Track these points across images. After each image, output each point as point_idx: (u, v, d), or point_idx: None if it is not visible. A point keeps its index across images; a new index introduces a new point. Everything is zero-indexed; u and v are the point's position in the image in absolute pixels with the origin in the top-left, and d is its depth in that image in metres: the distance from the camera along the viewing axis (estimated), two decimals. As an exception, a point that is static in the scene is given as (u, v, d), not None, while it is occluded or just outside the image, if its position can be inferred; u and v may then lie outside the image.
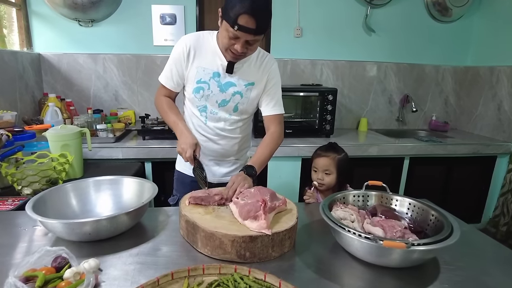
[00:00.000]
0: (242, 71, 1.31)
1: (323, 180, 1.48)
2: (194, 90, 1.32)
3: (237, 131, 1.41)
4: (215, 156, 1.44)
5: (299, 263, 0.91)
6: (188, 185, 1.47)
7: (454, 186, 2.58)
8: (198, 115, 1.37)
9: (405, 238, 0.91)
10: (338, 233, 0.92)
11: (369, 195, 1.14)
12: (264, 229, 0.89)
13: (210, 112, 1.35)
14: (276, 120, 1.38)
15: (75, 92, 2.55)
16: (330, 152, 1.51)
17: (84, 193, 1.14)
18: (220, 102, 1.33)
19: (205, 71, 1.30)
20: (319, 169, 1.51)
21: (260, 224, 0.90)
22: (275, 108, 1.38)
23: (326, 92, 2.34)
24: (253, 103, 1.37)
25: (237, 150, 1.47)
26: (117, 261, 0.89)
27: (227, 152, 1.44)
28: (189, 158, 1.16)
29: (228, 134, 1.39)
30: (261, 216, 0.92)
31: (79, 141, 1.70)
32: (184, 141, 1.19)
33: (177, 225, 1.09)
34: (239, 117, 1.38)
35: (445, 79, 3.00)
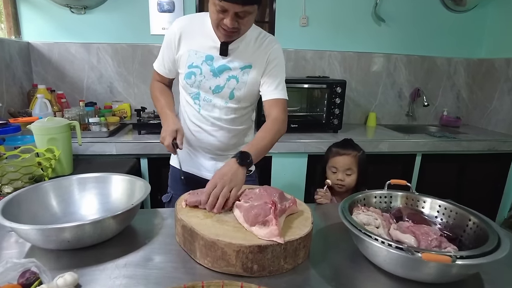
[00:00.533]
0: (238, 53, 1.17)
1: (344, 181, 1.34)
2: (185, 76, 1.19)
3: (236, 122, 1.27)
4: (211, 150, 1.29)
5: (315, 277, 0.77)
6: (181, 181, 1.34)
7: (467, 185, 2.44)
8: (192, 103, 1.24)
9: (442, 248, 0.77)
10: (362, 241, 0.78)
11: (393, 195, 0.99)
12: (276, 237, 0.75)
13: (203, 100, 1.22)
14: (278, 105, 1.20)
15: (67, 83, 2.40)
16: (349, 149, 1.37)
17: (67, 193, 1.00)
18: (214, 88, 1.19)
19: (197, 54, 1.17)
20: (339, 169, 1.37)
21: (270, 231, 0.76)
22: (277, 92, 1.20)
23: (334, 84, 2.19)
24: (252, 89, 1.21)
25: (236, 144, 1.32)
26: (100, 275, 0.75)
27: (224, 146, 1.29)
28: (167, 147, 1.08)
29: (224, 124, 1.25)
30: (272, 221, 0.77)
31: (68, 135, 1.56)
32: (165, 128, 1.12)
33: (173, 230, 0.95)
34: (237, 105, 1.23)
35: (457, 72, 2.85)
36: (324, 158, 1.48)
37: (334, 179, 1.38)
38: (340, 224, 1.03)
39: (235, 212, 0.89)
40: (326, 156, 1.45)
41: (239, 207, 0.88)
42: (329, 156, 1.43)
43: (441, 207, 0.94)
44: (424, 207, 0.96)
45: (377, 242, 0.73)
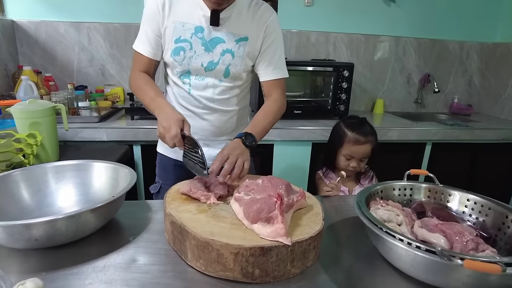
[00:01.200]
0: (231, 23, 1.04)
1: (356, 167, 1.23)
2: (173, 52, 1.04)
3: (231, 102, 1.14)
4: (204, 135, 1.16)
5: (328, 284, 0.66)
6: (171, 170, 1.21)
7: (478, 175, 2.32)
8: (180, 84, 1.10)
9: (479, 251, 0.65)
10: (383, 242, 0.66)
11: (415, 188, 0.87)
12: (282, 237, 0.63)
13: (194, 78, 1.08)
14: (278, 86, 1.13)
15: (56, 66, 2.26)
16: (368, 136, 1.24)
17: (41, 183, 0.87)
18: (206, 65, 1.05)
19: (184, 27, 1.02)
20: (355, 158, 1.24)
21: (275, 229, 0.64)
22: (277, 72, 1.10)
23: (341, 68, 2.05)
24: (248, 65, 1.09)
25: (231, 128, 1.19)
26: (72, 280, 0.63)
27: (218, 130, 1.16)
28: (175, 137, 0.85)
29: (218, 106, 1.12)
30: (277, 218, 0.65)
31: (52, 119, 1.43)
32: (165, 117, 0.89)
33: (162, 225, 0.83)
34: (232, 84, 1.10)
35: (470, 57, 2.70)
36: (335, 139, 1.33)
37: (347, 166, 1.26)
38: (352, 219, 0.92)
39: (233, 207, 0.76)
40: (340, 139, 1.29)
41: (238, 200, 0.75)
42: (344, 141, 1.27)
43: (471, 202, 0.81)
44: (450, 202, 0.84)
45: (403, 243, 0.61)
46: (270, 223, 0.65)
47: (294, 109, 2.09)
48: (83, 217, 0.70)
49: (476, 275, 0.56)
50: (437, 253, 0.57)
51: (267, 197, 0.70)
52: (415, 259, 0.61)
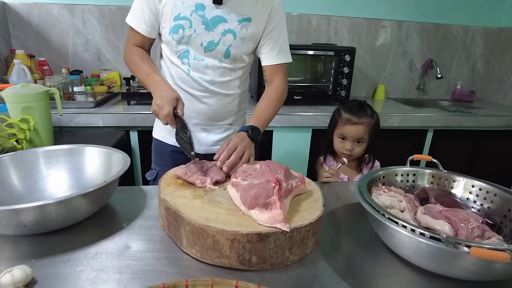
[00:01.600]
0: (234, 2, 0.99)
1: (353, 151, 1.19)
2: (171, 30, 0.99)
3: (232, 85, 1.10)
4: (202, 120, 1.13)
5: (327, 271, 0.63)
6: (168, 156, 1.18)
7: (480, 163, 2.29)
8: (179, 64, 1.05)
9: (485, 238, 0.62)
10: (386, 229, 0.64)
11: (418, 173, 0.84)
12: (280, 223, 0.61)
13: (193, 58, 1.03)
14: (281, 72, 1.10)
15: (50, 50, 2.20)
16: (363, 117, 1.21)
17: (32, 168, 0.84)
18: (206, 45, 1.01)
19: (184, 3, 0.97)
20: (349, 139, 1.21)
21: (273, 215, 0.61)
22: (280, 56, 1.07)
23: (343, 52, 2.00)
24: (250, 47, 1.06)
25: (231, 113, 1.16)
26: (63, 267, 0.61)
27: (218, 115, 1.13)
28: (167, 116, 0.84)
29: (218, 89, 1.08)
30: (275, 203, 0.62)
31: (46, 104, 1.39)
32: (160, 95, 0.87)
33: (157, 211, 0.80)
34: (232, 66, 1.07)
35: (474, 42, 2.64)
36: (332, 121, 1.31)
37: (342, 148, 1.23)
38: (353, 205, 0.89)
39: (230, 192, 0.74)
40: (335, 120, 1.28)
41: (235, 185, 0.73)
42: (337, 121, 1.26)
43: (476, 188, 0.79)
44: (454, 188, 0.81)
45: (406, 230, 0.58)
46: (268, 209, 0.63)
47: (294, 95, 2.05)
48: (73, 203, 0.67)
49: (482, 263, 0.54)
50: (442, 240, 0.55)
51: (265, 182, 0.68)
52: (418, 246, 0.58)
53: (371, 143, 1.24)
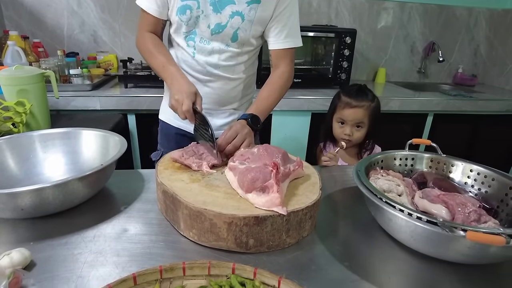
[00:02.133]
0: None
1: (352, 136, 1.18)
2: (178, 11, 0.96)
3: (238, 70, 1.07)
4: (207, 104, 1.09)
5: (324, 254, 0.64)
6: (173, 138, 1.18)
7: (479, 147, 2.29)
8: (184, 46, 1.03)
9: (481, 222, 0.63)
10: (383, 212, 0.64)
11: (417, 158, 0.84)
12: (277, 207, 0.61)
13: (199, 41, 1.01)
14: (288, 56, 1.06)
15: (45, 31, 2.15)
16: (363, 100, 1.19)
17: (29, 151, 0.84)
18: (213, 28, 0.98)
19: None
20: (348, 123, 1.19)
21: (271, 199, 0.61)
22: (288, 40, 1.03)
23: (344, 34, 1.96)
24: (258, 30, 1.02)
25: (236, 98, 1.14)
26: (61, 251, 0.61)
27: (222, 99, 1.11)
28: (187, 112, 0.82)
29: (223, 73, 1.06)
30: (272, 187, 0.62)
31: (42, 86, 1.37)
32: (179, 89, 0.85)
33: (155, 195, 0.80)
34: (239, 50, 1.03)
35: (478, 25, 2.59)
36: (331, 105, 1.30)
37: (341, 133, 1.22)
38: (351, 189, 0.89)
39: (228, 176, 0.73)
40: (334, 105, 1.27)
41: (233, 169, 0.72)
42: (337, 105, 1.25)
43: (474, 172, 0.78)
44: (453, 172, 0.81)
45: (403, 213, 0.58)
46: (265, 193, 0.62)
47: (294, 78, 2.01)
48: (70, 186, 0.67)
49: (478, 246, 0.54)
50: (438, 224, 0.55)
51: (263, 166, 0.67)
52: (415, 230, 0.58)
53: (371, 128, 1.22)
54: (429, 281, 0.59)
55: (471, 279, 0.59)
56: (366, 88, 1.27)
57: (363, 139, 1.24)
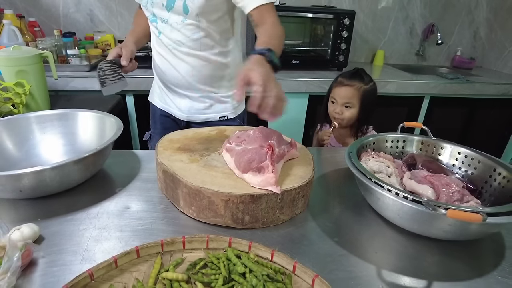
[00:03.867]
0: None
1: (342, 115, 1.22)
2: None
3: (204, 45, 1.03)
4: (180, 85, 1.12)
5: (316, 230, 0.68)
6: (158, 119, 1.23)
7: (474, 131, 2.32)
8: (153, 29, 1.07)
9: (464, 202, 0.66)
10: (371, 192, 0.67)
11: (407, 140, 0.87)
12: (272, 186, 0.64)
13: (161, 21, 1.02)
14: (269, 11, 0.92)
15: (40, 10, 2.12)
16: (355, 81, 1.23)
17: (26, 133, 0.86)
18: (166, 3, 0.97)
19: None
20: (338, 101, 1.23)
21: (266, 179, 0.64)
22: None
23: (342, 15, 1.94)
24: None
25: (213, 77, 1.10)
26: (67, 226, 0.65)
27: (194, 78, 1.08)
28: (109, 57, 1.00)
29: (190, 50, 1.03)
30: (268, 167, 0.65)
31: (40, 67, 1.37)
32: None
33: (155, 174, 0.83)
34: (197, 22, 0.98)
35: (479, 6, 2.56)
36: (329, 88, 1.36)
37: (332, 112, 1.28)
38: (344, 170, 0.93)
39: (225, 157, 0.76)
40: (330, 86, 1.34)
41: (229, 151, 0.75)
42: (332, 86, 1.32)
43: (461, 155, 0.81)
44: (442, 154, 0.84)
45: (390, 193, 0.62)
46: (261, 173, 0.66)
47: (292, 59, 2.02)
48: (66, 168, 0.68)
49: (458, 224, 0.58)
50: (422, 203, 0.58)
51: (258, 147, 0.70)
52: (401, 208, 0.62)
53: (362, 110, 1.25)
54: (413, 255, 0.63)
55: (452, 254, 0.63)
56: (363, 71, 1.29)
57: (355, 120, 1.27)
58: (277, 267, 0.53)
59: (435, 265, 0.61)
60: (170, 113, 1.21)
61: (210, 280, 0.50)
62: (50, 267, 0.55)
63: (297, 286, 0.51)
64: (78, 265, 0.55)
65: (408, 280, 0.57)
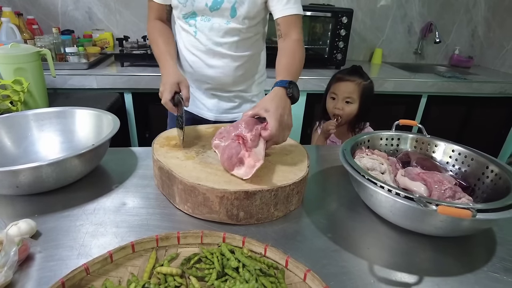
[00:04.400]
0: None
1: (342, 110, 1.24)
2: None
3: (241, 47, 1.05)
4: (212, 85, 1.11)
5: (310, 227, 0.69)
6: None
7: (471, 129, 2.33)
8: (187, 27, 1.04)
9: (456, 199, 0.67)
10: (364, 189, 0.68)
11: (402, 138, 0.88)
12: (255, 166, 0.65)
13: (200, 20, 1.00)
14: (295, 24, 0.98)
15: (38, 7, 2.13)
16: (354, 76, 1.25)
17: (24, 130, 0.86)
18: (211, 5, 0.97)
19: None
20: (339, 96, 1.26)
21: (248, 164, 0.67)
22: (290, 7, 0.96)
23: (340, 13, 1.95)
24: (256, 3, 0.98)
25: (244, 77, 1.12)
26: (64, 221, 0.66)
27: (227, 79, 1.09)
28: (164, 104, 0.85)
29: (227, 50, 1.04)
30: (245, 155, 0.68)
31: (38, 65, 1.38)
32: (163, 80, 0.87)
33: (151, 171, 0.84)
34: (241, 25, 1.00)
35: (477, 5, 2.57)
36: (327, 87, 1.39)
37: (332, 107, 1.30)
38: (338, 167, 0.94)
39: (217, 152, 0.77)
40: (329, 82, 1.37)
41: (217, 147, 0.76)
42: (331, 82, 1.35)
43: (455, 152, 0.82)
44: (435, 152, 0.85)
45: (383, 190, 0.63)
46: (242, 164, 0.67)
47: (290, 58, 2.02)
48: (63, 165, 0.69)
49: (450, 220, 0.59)
50: (414, 199, 0.59)
51: (232, 141, 0.71)
52: (394, 205, 0.63)
53: (362, 107, 1.27)
54: (405, 251, 0.64)
55: (444, 250, 0.64)
56: (361, 69, 1.32)
57: (354, 116, 1.29)
58: (270, 262, 0.54)
59: (427, 261, 0.62)
60: (197, 114, 1.20)
61: (204, 275, 0.51)
62: (47, 261, 0.55)
63: (289, 280, 0.51)
64: (74, 260, 0.56)
65: (400, 275, 0.58)
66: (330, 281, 0.54)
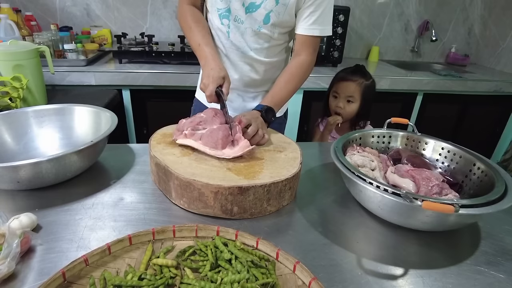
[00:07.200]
0: None
1: (344, 109, 1.28)
2: None
3: (270, 53, 1.05)
4: (238, 85, 1.11)
5: (301, 221, 0.71)
6: None
7: (466, 127, 2.36)
8: (219, 25, 1.02)
9: (443, 195, 0.70)
10: (354, 185, 0.70)
11: (392, 135, 0.90)
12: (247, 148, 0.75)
13: (234, 20, 0.99)
14: (311, 45, 1.01)
15: (37, 4, 2.13)
16: (357, 76, 1.29)
17: (24, 126, 0.88)
18: (247, 5, 0.95)
19: None
20: (340, 95, 1.29)
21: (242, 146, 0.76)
22: (316, 27, 0.97)
23: (337, 11, 1.96)
24: (292, 15, 0.97)
25: (270, 80, 1.13)
26: (63, 216, 0.68)
27: (254, 82, 1.10)
28: (210, 97, 0.85)
29: (257, 55, 1.04)
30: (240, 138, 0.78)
31: (37, 62, 1.39)
32: (208, 73, 0.86)
33: (148, 167, 0.86)
34: (271, 33, 1.00)
35: (473, 3, 2.58)
36: (330, 84, 1.42)
37: (334, 106, 1.33)
38: (330, 165, 0.96)
39: (185, 142, 0.81)
40: (332, 81, 1.40)
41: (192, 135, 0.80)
42: (334, 81, 1.38)
43: (444, 150, 0.85)
44: (426, 149, 0.88)
45: (372, 186, 0.65)
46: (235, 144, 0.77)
47: (287, 56, 2.04)
48: (62, 161, 0.71)
49: (435, 215, 0.61)
50: (401, 195, 0.61)
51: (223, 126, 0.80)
52: (382, 201, 0.65)
53: (363, 105, 1.30)
54: (392, 245, 0.66)
55: (430, 244, 0.66)
56: (363, 68, 1.35)
57: (355, 114, 1.32)
58: (262, 254, 0.56)
59: (413, 254, 0.64)
60: None
61: (198, 266, 0.54)
62: (48, 253, 0.58)
63: (279, 271, 0.54)
64: (74, 252, 0.58)
65: (386, 267, 0.60)
66: (319, 273, 0.56)
